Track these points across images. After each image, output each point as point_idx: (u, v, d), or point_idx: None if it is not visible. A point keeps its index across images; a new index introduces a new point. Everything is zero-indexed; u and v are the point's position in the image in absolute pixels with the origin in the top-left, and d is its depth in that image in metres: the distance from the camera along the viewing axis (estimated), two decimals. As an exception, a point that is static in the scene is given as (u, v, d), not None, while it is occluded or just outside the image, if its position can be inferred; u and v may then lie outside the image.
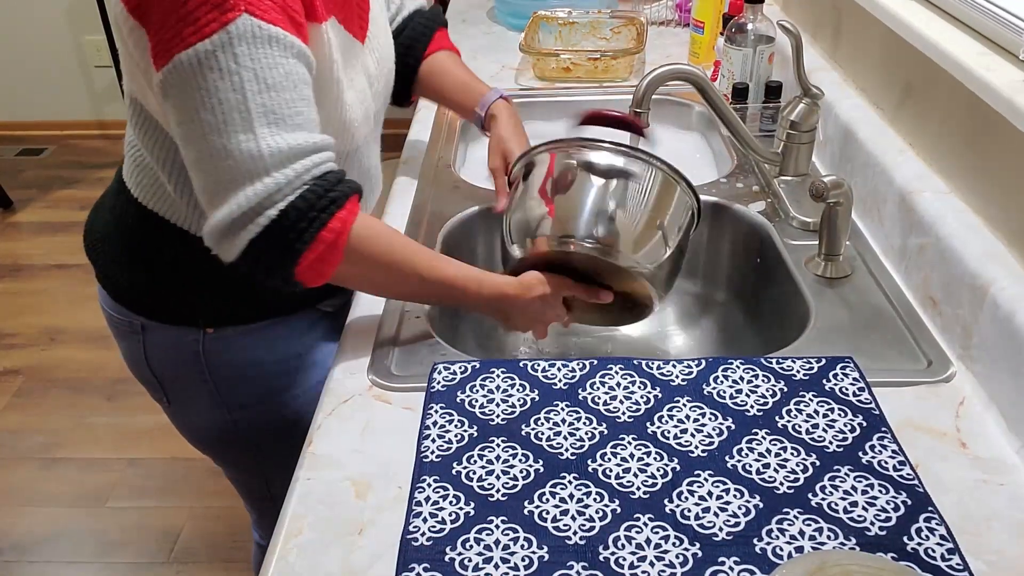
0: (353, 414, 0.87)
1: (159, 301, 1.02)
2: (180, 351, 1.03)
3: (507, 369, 0.90)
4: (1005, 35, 0.93)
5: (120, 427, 2.29)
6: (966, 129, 0.98)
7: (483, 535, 0.72)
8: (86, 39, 3.71)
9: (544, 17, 1.78)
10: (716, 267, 1.25)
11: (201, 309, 1.01)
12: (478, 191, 1.26)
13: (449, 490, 0.76)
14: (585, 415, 0.84)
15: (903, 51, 1.12)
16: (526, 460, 0.79)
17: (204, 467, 2.14)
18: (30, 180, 3.55)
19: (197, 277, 0.99)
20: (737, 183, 1.26)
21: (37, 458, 2.21)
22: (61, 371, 2.50)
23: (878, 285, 1.03)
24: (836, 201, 1.01)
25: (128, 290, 1.03)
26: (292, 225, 0.81)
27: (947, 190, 1.01)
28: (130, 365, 1.12)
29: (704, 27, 1.65)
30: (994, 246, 0.90)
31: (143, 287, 1.02)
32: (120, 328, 1.07)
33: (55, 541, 1.98)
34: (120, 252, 1.03)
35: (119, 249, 1.03)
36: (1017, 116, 0.83)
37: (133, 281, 1.02)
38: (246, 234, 0.81)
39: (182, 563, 1.91)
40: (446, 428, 0.83)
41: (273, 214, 0.81)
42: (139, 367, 1.09)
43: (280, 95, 0.81)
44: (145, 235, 1.00)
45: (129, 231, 1.01)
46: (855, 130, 1.18)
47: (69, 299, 2.81)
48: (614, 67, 1.63)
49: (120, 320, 1.06)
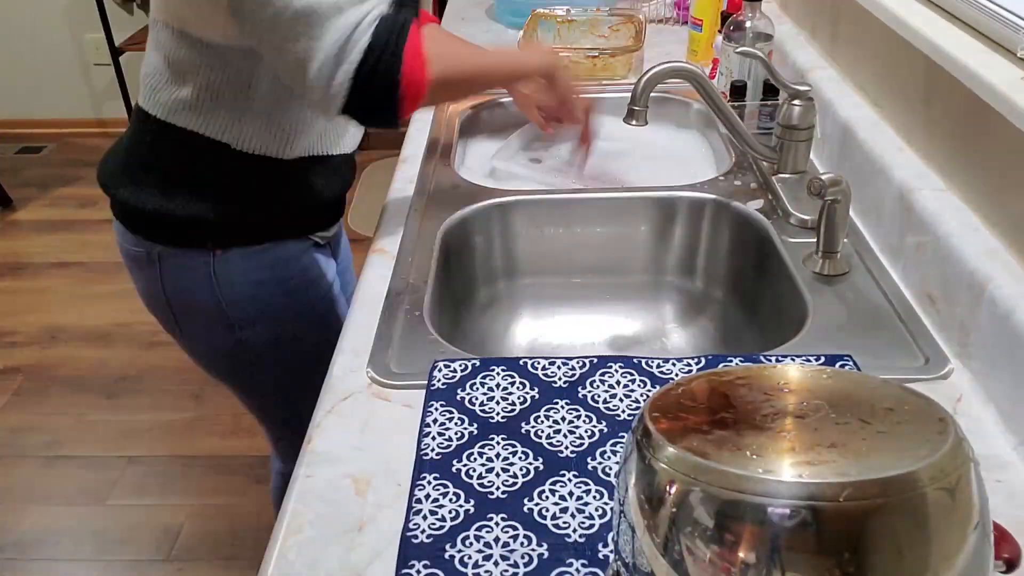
0: (353, 411, 0.87)
1: (172, 224, 1.13)
2: (193, 274, 1.15)
3: (507, 367, 0.91)
4: (1004, 33, 0.93)
5: (120, 425, 2.29)
6: (965, 127, 0.98)
7: (483, 532, 0.72)
8: (86, 37, 3.71)
9: (543, 15, 1.78)
10: (714, 265, 1.25)
11: (209, 230, 1.13)
12: (478, 189, 1.27)
13: (449, 488, 0.77)
14: (585, 413, 0.85)
15: (902, 49, 1.12)
16: (526, 458, 0.80)
17: (204, 465, 2.15)
18: (30, 178, 3.55)
19: (207, 191, 1.11)
20: (735, 181, 1.26)
21: (37, 456, 2.21)
22: (61, 369, 2.51)
23: (876, 283, 1.03)
24: (834, 198, 1.01)
25: (143, 217, 1.14)
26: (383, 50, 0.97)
27: (945, 188, 1.01)
28: (146, 298, 1.23)
29: (703, 25, 1.65)
30: (992, 244, 0.90)
31: (157, 211, 1.12)
32: (138, 260, 1.19)
33: (55, 539, 1.98)
34: (135, 177, 1.14)
35: (134, 174, 1.14)
36: (1016, 114, 0.83)
37: (147, 205, 1.12)
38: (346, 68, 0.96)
39: (182, 561, 1.92)
40: (446, 426, 0.83)
41: (363, 45, 0.96)
42: (155, 298, 1.20)
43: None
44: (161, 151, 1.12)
45: (144, 153, 1.13)
46: (853, 128, 1.19)
47: (69, 297, 2.81)
48: (613, 65, 1.63)
49: (138, 252, 1.18)
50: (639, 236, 1.26)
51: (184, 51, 1.06)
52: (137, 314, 2.70)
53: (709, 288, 1.27)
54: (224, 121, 1.09)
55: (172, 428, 2.27)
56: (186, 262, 1.16)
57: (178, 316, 1.21)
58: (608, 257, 1.27)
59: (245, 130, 1.09)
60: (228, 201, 1.12)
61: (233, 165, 1.11)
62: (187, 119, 1.09)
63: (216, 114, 1.08)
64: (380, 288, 1.05)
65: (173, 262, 1.16)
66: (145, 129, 1.13)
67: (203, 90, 1.07)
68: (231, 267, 1.15)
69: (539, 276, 1.28)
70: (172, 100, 1.10)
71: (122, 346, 2.59)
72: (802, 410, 0.53)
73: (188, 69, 1.07)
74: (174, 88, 1.09)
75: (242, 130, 1.09)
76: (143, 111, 1.13)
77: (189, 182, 1.12)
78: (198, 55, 1.06)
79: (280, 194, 1.16)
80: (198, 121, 1.09)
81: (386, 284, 1.06)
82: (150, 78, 1.12)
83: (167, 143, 1.11)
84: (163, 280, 1.18)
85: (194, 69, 1.07)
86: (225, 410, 2.32)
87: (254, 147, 1.11)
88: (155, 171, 1.13)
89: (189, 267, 1.16)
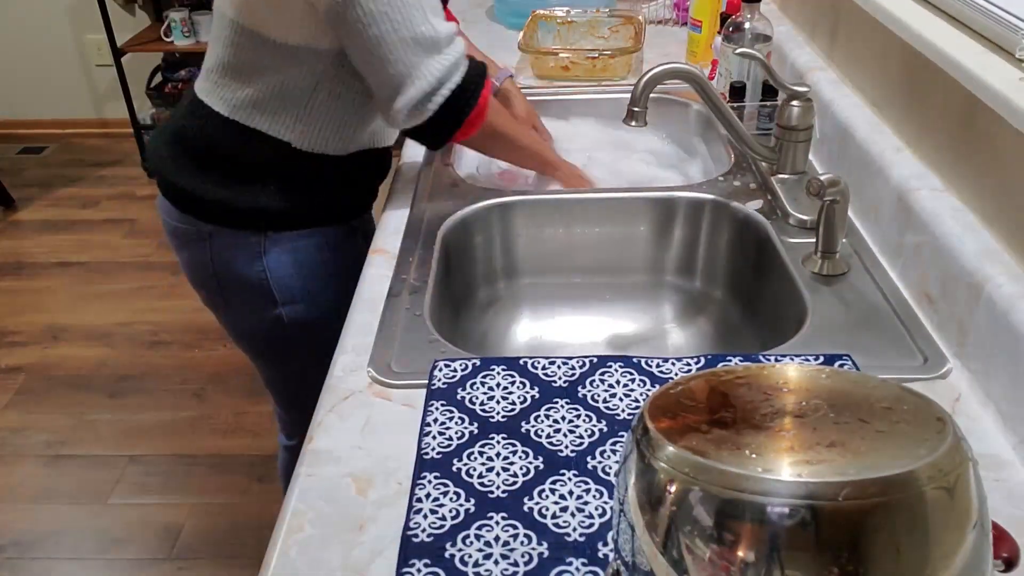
0: (354, 411, 0.87)
1: (230, 211, 1.18)
2: (243, 252, 1.20)
3: (507, 366, 0.91)
4: (1002, 34, 0.93)
5: (122, 424, 2.30)
6: (963, 127, 0.98)
7: (483, 532, 0.72)
8: (87, 38, 3.71)
9: (543, 16, 1.79)
10: (714, 264, 1.26)
11: (265, 212, 1.18)
12: (478, 189, 1.27)
13: (449, 487, 0.77)
14: (585, 412, 0.85)
15: (900, 50, 1.12)
16: (526, 457, 0.80)
17: (206, 464, 2.15)
18: (31, 179, 3.56)
19: (268, 184, 1.16)
20: (735, 181, 1.26)
21: (39, 455, 2.21)
22: (63, 369, 2.51)
23: (875, 282, 1.03)
24: (833, 199, 1.01)
25: (197, 199, 1.18)
26: (466, 93, 1.10)
27: (943, 188, 1.01)
28: (192, 272, 1.28)
29: (702, 26, 1.65)
30: (990, 244, 0.91)
31: (217, 200, 1.17)
32: (187, 236, 1.23)
33: (57, 538, 1.98)
34: (193, 164, 1.18)
35: (193, 162, 1.19)
36: (1014, 115, 0.83)
37: (204, 189, 1.17)
38: (436, 100, 1.08)
39: (183, 560, 1.92)
40: (446, 425, 0.84)
41: (453, 85, 1.08)
42: (203, 271, 1.25)
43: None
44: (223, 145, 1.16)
45: (205, 145, 1.18)
46: (852, 128, 1.19)
47: (71, 297, 2.81)
48: (612, 66, 1.63)
49: (187, 229, 1.22)
50: (639, 236, 1.27)
51: (255, 51, 1.11)
52: (138, 314, 2.72)
53: (708, 288, 1.27)
54: (288, 121, 1.13)
55: (173, 427, 2.27)
56: (237, 241, 1.20)
57: (225, 291, 1.26)
58: (608, 257, 1.27)
59: (308, 129, 1.14)
60: (287, 192, 1.18)
61: (294, 161, 1.16)
62: (251, 117, 1.14)
63: (281, 114, 1.13)
64: (380, 288, 1.06)
65: (224, 241, 1.21)
66: (205, 122, 1.17)
67: (270, 90, 1.12)
68: (280, 248, 1.20)
69: (539, 276, 1.28)
70: (237, 97, 1.14)
71: (123, 346, 2.59)
72: (801, 409, 0.53)
73: (256, 68, 1.11)
74: (240, 86, 1.13)
75: (304, 129, 1.14)
76: (204, 104, 1.17)
77: (250, 176, 1.17)
78: (270, 55, 1.10)
79: (333, 185, 1.22)
80: (262, 120, 1.13)
81: (386, 284, 1.06)
82: (214, 73, 1.16)
83: (229, 137, 1.15)
84: (212, 256, 1.23)
85: (262, 69, 1.11)
86: (226, 409, 2.32)
87: (314, 146, 1.16)
88: (215, 163, 1.17)
89: (240, 246, 1.21)
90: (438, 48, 1.07)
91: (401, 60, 1.06)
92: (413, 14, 1.04)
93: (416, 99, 1.07)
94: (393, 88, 1.08)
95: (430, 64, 1.06)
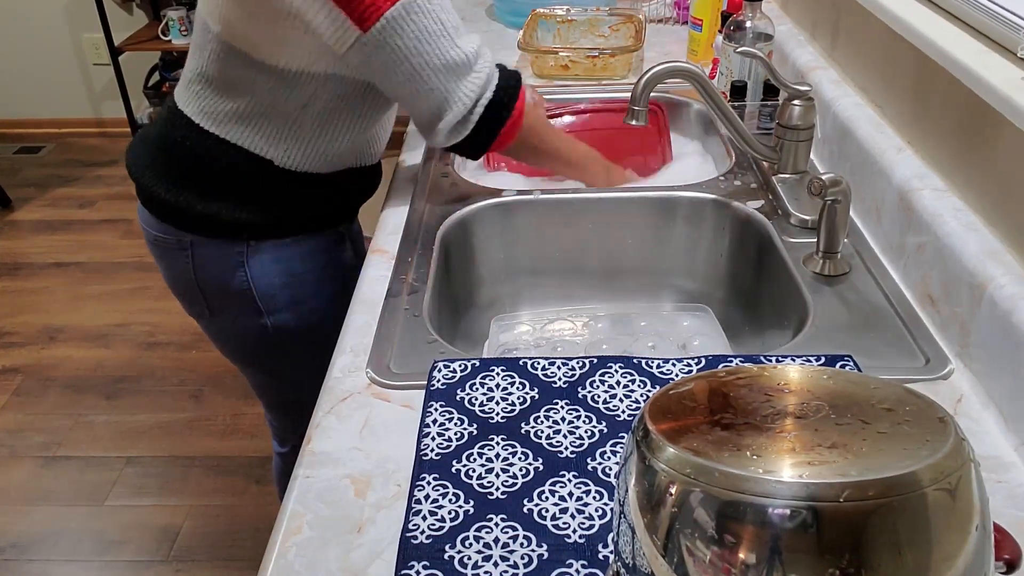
0: (352, 412, 0.87)
1: (209, 219, 1.15)
2: (226, 262, 1.18)
3: (507, 367, 0.90)
4: (1004, 33, 0.93)
5: (119, 426, 2.29)
6: (965, 127, 0.98)
7: (483, 533, 0.72)
8: (84, 37, 3.71)
9: (543, 15, 1.78)
10: (714, 265, 1.25)
11: (247, 224, 1.15)
12: (478, 189, 1.27)
13: (449, 488, 0.76)
14: (585, 413, 0.84)
15: (902, 49, 1.12)
16: (526, 458, 0.79)
17: (203, 465, 2.15)
18: (28, 178, 3.55)
19: (248, 200, 1.14)
20: (736, 181, 1.26)
21: (36, 456, 2.21)
22: (60, 370, 2.50)
23: (876, 283, 1.03)
24: (834, 199, 1.01)
25: (178, 210, 1.15)
26: (500, 104, 1.10)
27: (945, 188, 1.01)
28: (173, 282, 1.25)
29: (703, 25, 1.65)
30: (992, 244, 0.90)
31: (196, 212, 1.14)
32: (166, 246, 1.20)
33: (54, 539, 1.98)
34: (172, 175, 1.15)
35: (172, 173, 1.16)
36: (1016, 114, 0.83)
37: (184, 202, 1.14)
38: (472, 118, 1.09)
39: (181, 561, 1.91)
40: (446, 426, 0.83)
41: (487, 99, 1.09)
42: (184, 282, 1.22)
43: (453, 13, 1.06)
44: (201, 157, 1.13)
45: (182, 155, 1.14)
46: (853, 128, 1.19)
47: (68, 298, 2.81)
48: (612, 65, 1.63)
49: (166, 239, 1.19)
50: (639, 236, 1.26)
51: (243, 70, 1.07)
52: (136, 314, 2.72)
53: (709, 288, 1.27)
54: (272, 138, 1.11)
55: (171, 428, 2.27)
56: (219, 252, 1.18)
57: (208, 300, 1.24)
58: (608, 257, 1.27)
59: (291, 147, 1.12)
60: (267, 206, 1.15)
61: (275, 178, 1.14)
62: (230, 131, 1.11)
63: (263, 131, 1.10)
64: (380, 288, 1.05)
65: (205, 251, 1.18)
66: (183, 132, 1.14)
67: (255, 107, 1.09)
68: (263, 256, 1.18)
69: (539, 276, 1.28)
70: (219, 111, 1.11)
71: (121, 346, 2.59)
72: (802, 410, 0.53)
73: (241, 84, 1.08)
74: (222, 100, 1.10)
75: (288, 147, 1.12)
76: (182, 113, 1.14)
77: (231, 189, 1.14)
78: (256, 74, 1.07)
79: (317, 199, 1.19)
80: (244, 135, 1.11)
81: (386, 284, 1.06)
82: (194, 84, 1.13)
83: (207, 150, 1.12)
84: (194, 266, 1.20)
85: (248, 86, 1.08)
86: (224, 410, 2.31)
87: (297, 164, 1.13)
88: (195, 175, 1.14)
89: (222, 256, 1.18)
90: (470, 68, 1.07)
91: (436, 88, 1.06)
92: (441, 43, 1.04)
93: (456, 121, 1.09)
94: (433, 114, 1.09)
95: (465, 86, 1.07)
